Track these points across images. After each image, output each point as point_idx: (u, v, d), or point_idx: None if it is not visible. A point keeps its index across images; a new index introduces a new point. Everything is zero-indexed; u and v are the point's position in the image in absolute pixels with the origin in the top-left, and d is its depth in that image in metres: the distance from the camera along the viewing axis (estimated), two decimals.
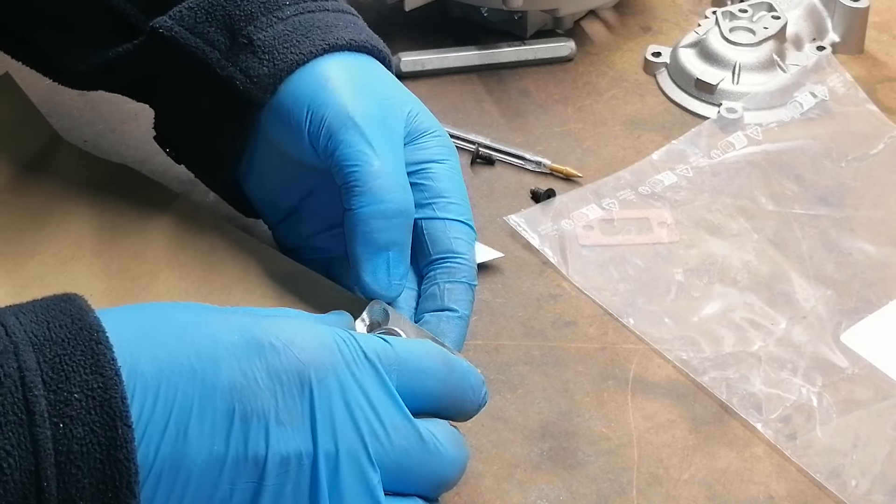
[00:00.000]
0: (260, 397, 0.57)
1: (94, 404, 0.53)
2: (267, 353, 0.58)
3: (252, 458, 0.57)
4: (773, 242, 0.87)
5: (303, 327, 0.60)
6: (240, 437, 0.56)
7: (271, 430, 0.57)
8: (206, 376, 0.57)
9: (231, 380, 0.57)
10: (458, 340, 0.70)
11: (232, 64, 0.72)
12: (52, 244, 0.77)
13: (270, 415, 0.57)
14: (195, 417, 0.56)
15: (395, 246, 0.69)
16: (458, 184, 0.74)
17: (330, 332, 0.60)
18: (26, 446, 0.52)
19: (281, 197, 0.76)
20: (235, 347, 0.58)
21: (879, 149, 0.94)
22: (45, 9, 0.78)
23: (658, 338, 0.80)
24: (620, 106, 0.99)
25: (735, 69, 0.99)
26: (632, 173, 0.92)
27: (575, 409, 0.76)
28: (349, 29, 0.74)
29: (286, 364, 0.58)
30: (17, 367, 0.53)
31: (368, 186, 0.69)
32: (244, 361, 0.57)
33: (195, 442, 0.56)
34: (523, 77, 1.02)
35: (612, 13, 1.08)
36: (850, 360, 0.79)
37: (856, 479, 0.72)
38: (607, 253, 0.86)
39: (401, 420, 0.60)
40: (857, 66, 1.02)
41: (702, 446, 0.74)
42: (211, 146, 0.76)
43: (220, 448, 0.56)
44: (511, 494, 0.72)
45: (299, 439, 0.57)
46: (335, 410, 0.58)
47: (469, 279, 0.72)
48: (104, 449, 0.53)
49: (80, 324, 0.55)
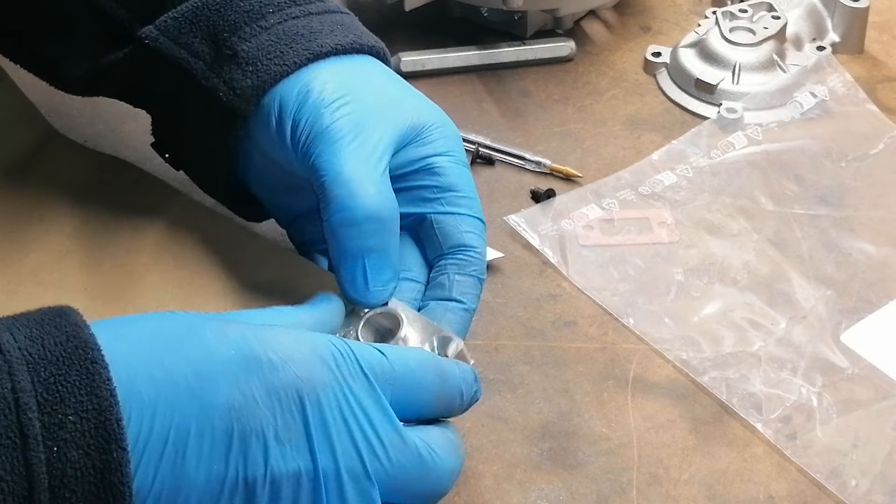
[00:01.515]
0: (258, 416, 0.57)
1: (89, 427, 0.53)
2: (265, 370, 0.57)
3: (252, 477, 0.56)
4: (773, 242, 0.87)
5: (300, 340, 0.59)
6: (239, 457, 0.56)
7: (270, 449, 0.57)
8: (205, 395, 0.56)
9: (229, 399, 0.56)
10: (461, 332, 0.70)
11: (216, 75, 0.72)
12: (47, 241, 0.77)
13: (269, 433, 0.57)
14: (193, 438, 0.56)
15: (371, 252, 0.67)
16: (465, 176, 0.72)
17: (326, 344, 0.60)
18: (20, 471, 0.52)
19: (289, 202, 0.76)
20: (233, 364, 0.57)
21: (879, 149, 0.94)
22: (42, 13, 0.78)
23: (658, 338, 0.80)
24: (620, 106, 0.99)
25: (735, 69, 0.99)
26: (632, 173, 0.92)
27: (575, 409, 0.76)
28: (335, 33, 0.73)
29: (284, 381, 0.57)
30: (11, 387, 0.53)
31: (334, 195, 0.67)
32: (242, 379, 0.57)
33: (194, 463, 0.56)
34: (523, 77, 1.02)
35: (612, 13, 1.08)
36: (850, 360, 0.79)
37: (856, 479, 0.72)
38: (607, 253, 0.86)
39: (396, 437, 0.60)
40: (857, 66, 1.02)
41: (702, 446, 0.74)
42: (204, 153, 0.76)
43: (220, 468, 0.56)
44: (511, 494, 0.72)
45: (298, 457, 0.57)
46: (332, 428, 0.58)
47: (479, 273, 0.71)
48: (98, 472, 0.53)
49: (76, 341, 0.55)
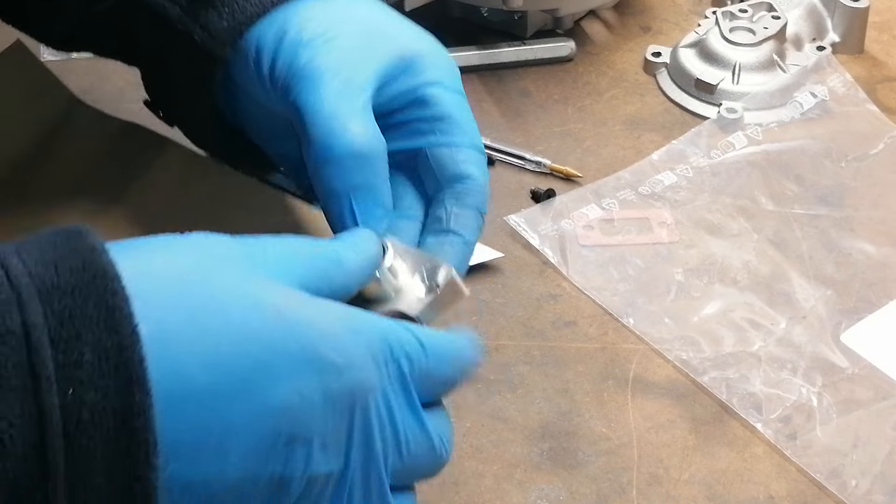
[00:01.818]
0: (311, 421, 0.51)
1: (108, 367, 0.47)
2: (327, 373, 0.52)
3: (287, 478, 0.52)
4: (773, 242, 0.87)
5: (357, 334, 0.54)
6: (280, 459, 0.51)
7: (314, 454, 0.52)
8: (258, 390, 0.50)
9: (286, 400, 0.51)
10: (461, 264, 0.66)
11: (193, 20, 0.70)
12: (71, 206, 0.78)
13: (316, 439, 0.52)
14: (237, 436, 0.50)
15: (358, 190, 0.64)
16: (460, 104, 0.68)
17: (379, 341, 0.55)
18: (31, 415, 0.46)
19: (288, 150, 0.72)
20: (294, 359, 0.51)
21: (879, 149, 0.94)
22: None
23: (658, 338, 0.80)
24: (620, 106, 0.99)
25: (735, 69, 0.99)
26: (632, 173, 0.92)
27: (575, 409, 0.76)
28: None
29: (343, 387, 0.53)
30: (20, 321, 0.46)
31: (314, 134, 0.64)
32: (303, 380, 0.51)
33: (233, 460, 0.50)
34: (523, 77, 1.02)
35: (612, 13, 1.08)
36: (850, 360, 0.79)
37: (856, 479, 0.72)
38: (607, 253, 0.86)
39: (421, 433, 0.57)
40: (857, 66, 1.02)
41: (702, 446, 0.74)
42: (192, 104, 0.74)
43: (256, 468, 0.51)
44: (511, 494, 0.71)
45: (335, 460, 0.53)
46: (373, 433, 0.54)
47: (479, 204, 0.67)
48: (119, 417, 0.47)
49: (93, 269, 0.48)
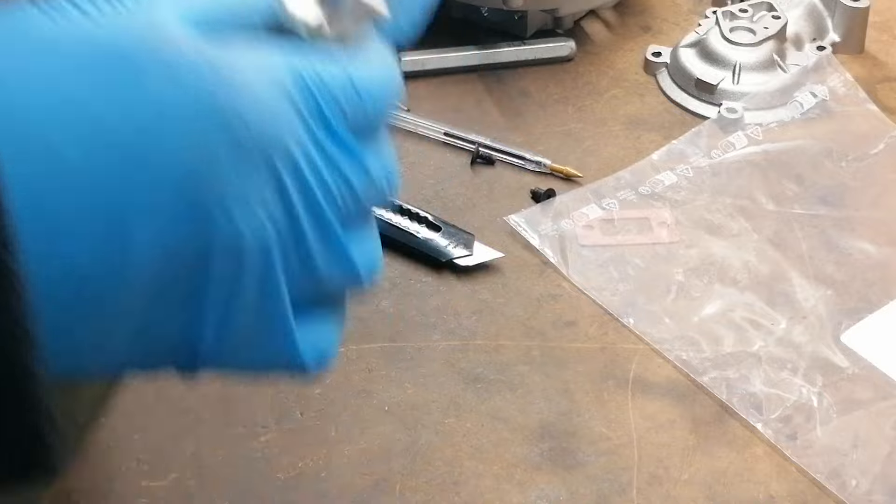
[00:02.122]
0: (221, 184, 0.44)
1: None
2: (232, 126, 0.45)
3: (203, 254, 0.44)
4: (773, 242, 0.87)
5: (261, 71, 0.46)
6: (189, 234, 0.44)
7: (228, 223, 0.44)
8: (152, 157, 0.43)
9: (187, 164, 0.43)
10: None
11: None
12: None
13: (230, 203, 0.44)
14: (135, 214, 0.42)
15: None
16: None
17: (295, 78, 0.47)
18: None
19: None
20: (190, 113, 0.44)
21: (879, 149, 0.94)
22: None
23: (658, 338, 0.80)
24: (620, 106, 0.99)
25: (735, 69, 0.99)
26: (632, 173, 0.92)
27: (575, 409, 0.76)
28: None
29: (254, 138, 0.45)
30: None
31: None
32: (202, 137, 0.44)
33: (136, 237, 0.42)
34: (523, 77, 1.02)
35: (612, 13, 1.08)
36: (851, 360, 0.79)
37: (856, 479, 0.72)
38: (607, 253, 0.86)
39: (357, 166, 0.48)
40: (857, 66, 1.02)
41: (702, 446, 0.74)
42: None
43: (162, 251, 0.43)
44: (511, 494, 0.72)
45: (256, 229, 0.45)
46: (302, 179, 0.46)
47: None
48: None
49: None
